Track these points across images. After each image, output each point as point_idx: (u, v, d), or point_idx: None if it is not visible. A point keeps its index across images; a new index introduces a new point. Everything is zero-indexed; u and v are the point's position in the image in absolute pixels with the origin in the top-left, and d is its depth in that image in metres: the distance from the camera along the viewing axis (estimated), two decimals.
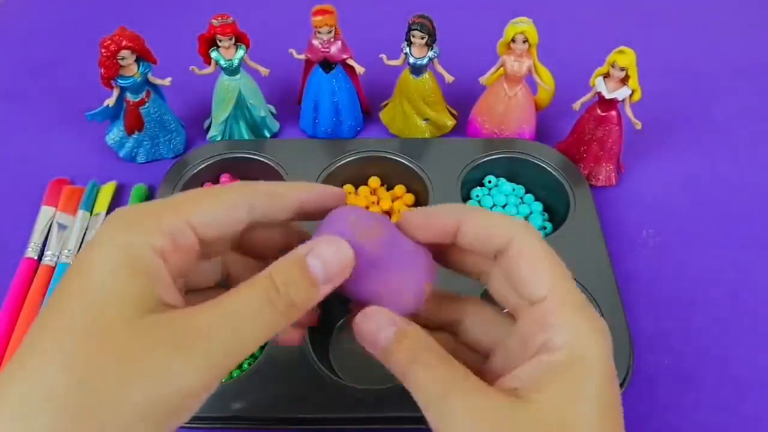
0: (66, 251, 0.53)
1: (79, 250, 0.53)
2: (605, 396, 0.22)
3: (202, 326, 0.21)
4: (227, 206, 0.25)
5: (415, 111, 0.62)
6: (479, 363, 0.27)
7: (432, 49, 0.57)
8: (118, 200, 0.59)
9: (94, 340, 0.20)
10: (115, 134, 0.61)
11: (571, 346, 0.23)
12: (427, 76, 0.60)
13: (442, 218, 0.27)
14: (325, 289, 0.24)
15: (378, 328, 0.25)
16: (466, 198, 0.57)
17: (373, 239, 0.25)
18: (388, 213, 0.57)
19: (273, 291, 0.23)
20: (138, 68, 0.56)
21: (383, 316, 0.25)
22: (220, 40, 0.56)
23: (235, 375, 0.46)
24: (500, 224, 0.26)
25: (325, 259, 0.24)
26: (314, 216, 0.28)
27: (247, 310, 0.22)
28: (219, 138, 0.62)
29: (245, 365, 0.47)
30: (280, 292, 0.23)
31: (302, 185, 0.28)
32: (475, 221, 0.26)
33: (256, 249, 0.29)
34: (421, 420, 0.24)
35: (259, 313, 0.22)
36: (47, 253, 0.53)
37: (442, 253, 0.28)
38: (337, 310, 0.50)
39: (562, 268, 0.25)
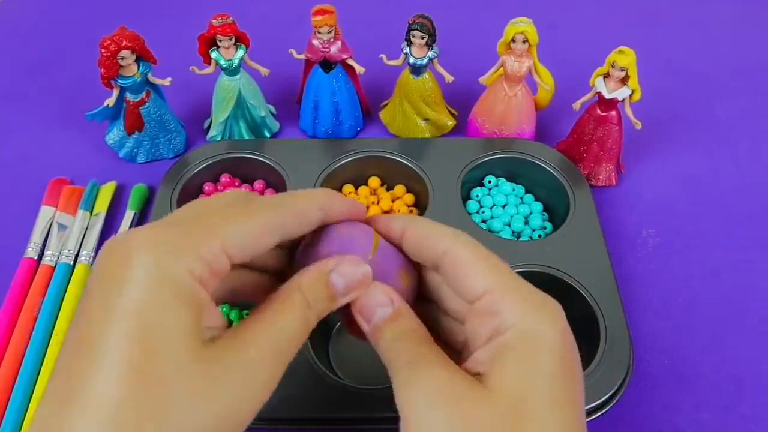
0: (66, 251, 0.53)
1: (79, 250, 0.53)
2: (559, 369, 0.23)
3: (259, 352, 0.23)
4: (261, 231, 0.25)
5: (415, 111, 0.62)
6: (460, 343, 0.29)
7: (432, 49, 0.57)
8: (118, 200, 0.59)
9: (154, 373, 0.20)
10: (115, 134, 0.61)
11: (519, 326, 0.24)
12: (427, 76, 0.60)
13: (389, 226, 0.29)
14: (342, 302, 0.27)
15: (377, 303, 0.27)
16: (466, 198, 0.57)
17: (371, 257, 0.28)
18: (388, 213, 0.57)
19: (307, 307, 0.25)
20: (138, 68, 0.56)
21: (384, 295, 0.27)
22: (220, 40, 0.56)
23: None
24: (435, 233, 0.28)
25: (347, 278, 0.26)
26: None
27: (291, 326, 0.24)
28: (219, 138, 0.62)
29: None
30: (312, 308, 0.25)
31: (325, 198, 0.28)
32: (413, 232, 0.28)
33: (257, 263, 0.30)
34: None
35: (300, 329, 0.25)
36: (47, 253, 0.53)
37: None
38: (336, 310, 0.50)
39: (504, 265, 0.27)
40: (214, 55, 0.57)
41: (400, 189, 0.58)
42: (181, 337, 0.21)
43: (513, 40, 0.55)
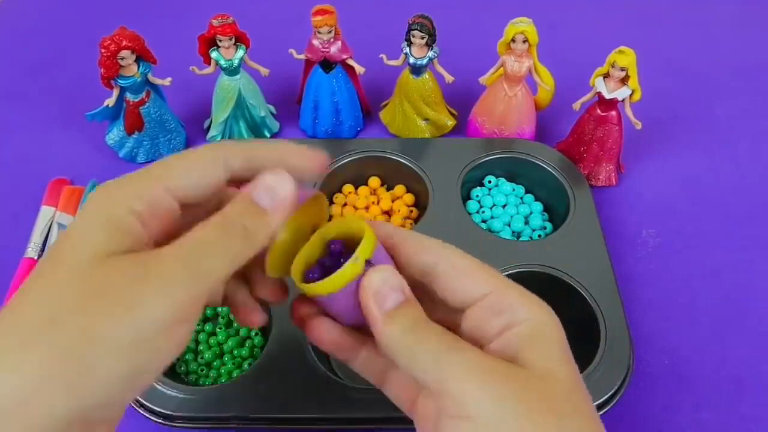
0: None
1: None
2: (567, 352, 0.26)
3: (168, 258, 0.23)
4: (202, 166, 0.26)
5: (415, 111, 0.62)
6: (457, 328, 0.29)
7: (432, 49, 0.57)
8: None
9: (65, 280, 0.22)
10: (115, 134, 0.61)
11: (531, 319, 0.26)
12: (427, 76, 0.60)
13: (380, 233, 0.28)
14: (276, 218, 0.26)
15: (392, 288, 0.26)
16: (466, 198, 0.57)
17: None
18: (388, 213, 0.57)
19: (228, 222, 0.25)
20: (138, 68, 0.56)
21: (398, 280, 0.26)
22: (220, 40, 0.56)
23: (235, 375, 0.46)
24: (425, 243, 0.28)
25: (271, 191, 0.26)
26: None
27: (208, 239, 0.24)
28: (219, 138, 0.62)
29: (245, 365, 0.47)
30: (234, 222, 0.25)
31: (280, 147, 0.28)
32: (406, 246, 0.28)
33: None
34: None
35: (219, 240, 0.24)
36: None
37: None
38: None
39: (494, 270, 0.28)
40: (214, 55, 0.57)
41: (400, 189, 0.58)
42: (95, 246, 0.22)
43: (513, 40, 0.55)
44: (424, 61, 0.58)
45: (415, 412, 0.28)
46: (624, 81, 0.54)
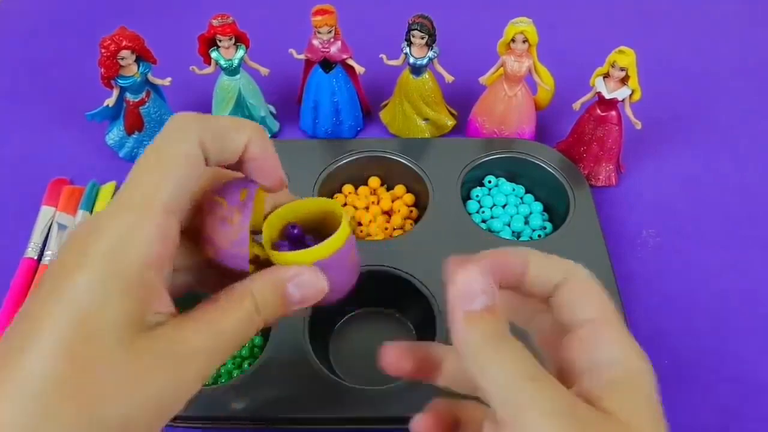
0: None
1: None
2: (658, 406, 0.24)
3: (193, 348, 0.23)
4: (186, 171, 0.24)
5: (415, 111, 0.62)
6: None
7: (432, 49, 0.57)
8: None
9: (86, 358, 0.21)
10: (115, 134, 0.61)
11: (625, 362, 0.24)
12: (427, 76, 0.60)
13: (509, 259, 0.26)
14: (293, 310, 0.26)
15: (481, 289, 0.24)
16: (466, 198, 0.57)
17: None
18: (388, 213, 0.57)
19: (255, 312, 0.25)
20: (138, 68, 0.56)
21: (486, 281, 0.24)
22: (220, 40, 0.56)
23: (235, 375, 0.46)
24: (554, 261, 0.27)
25: (304, 290, 0.26)
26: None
27: (234, 329, 0.24)
28: None
29: (245, 365, 0.47)
30: (260, 313, 0.25)
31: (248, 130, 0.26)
32: (537, 263, 0.26)
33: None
34: None
35: (243, 333, 0.24)
36: (47, 253, 0.53)
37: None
38: (336, 310, 0.50)
39: (608, 299, 0.26)
40: (214, 55, 0.57)
41: (400, 189, 0.58)
42: (119, 326, 0.21)
43: (513, 40, 0.55)
44: (424, 61, 0.58)
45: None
46: (624, 81, 0.54)
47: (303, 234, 0.28)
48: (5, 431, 0.19)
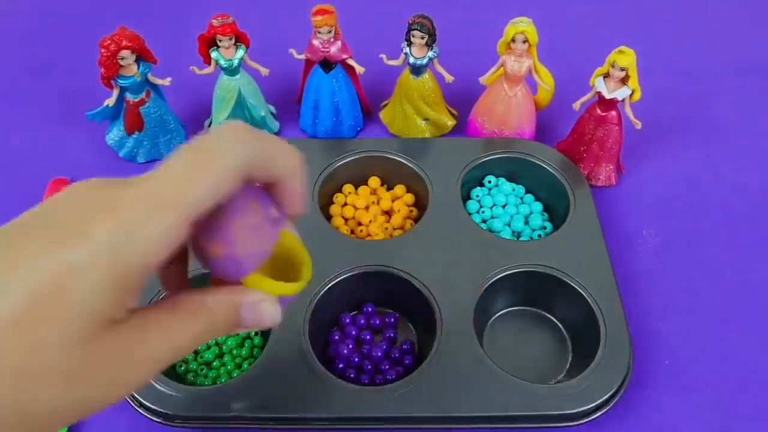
0: None
1: None
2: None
3: (147, 356, 0.23)
4: (224, 182, 0.23)
5: (415, 111, 0.62)
6: None
7: (432, 49, 0.57)
8: None
9: (40, 339, 0.20)
10: (115, 134, 0.61)
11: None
12: (427, 76, 0.60)
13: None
14: (244, 330, 0.27)
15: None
16: (466, 198, 0.57)
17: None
18: (388, 213, 0.57)
19: (207, 330, 0.25)
20: (138, 68, 0.56)
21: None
22: (220, 40, 0.56)
23: (235, 375, 0.46)
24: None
25: (260, 318, 0.26)
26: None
27: (188, 344, 0.25)
28: None
29: (245, 365, 0.47)
30: (216, 327, 0.25)
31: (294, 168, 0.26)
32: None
33: None
34: (420, 420, 0.24)
35: (191, 346, 0.25)
36: None
37: None
38: (336, 310, 0.50)
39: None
40: (214, 55, 0.57)
41: (400, 189, 0.58)
42: (85, 316, 0.21)
43: (513, 40, 0.55)
44: (424, 61, 0.58)
45: None
46: (624, 81, 0.54)
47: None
48: None
